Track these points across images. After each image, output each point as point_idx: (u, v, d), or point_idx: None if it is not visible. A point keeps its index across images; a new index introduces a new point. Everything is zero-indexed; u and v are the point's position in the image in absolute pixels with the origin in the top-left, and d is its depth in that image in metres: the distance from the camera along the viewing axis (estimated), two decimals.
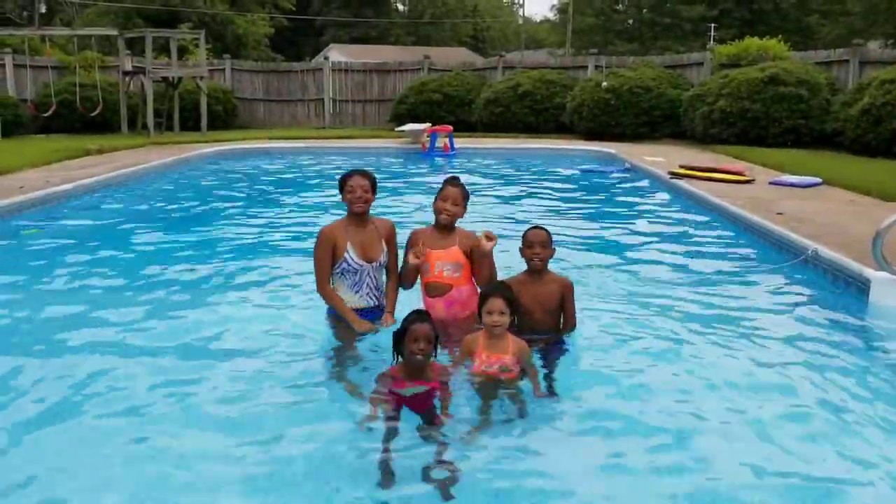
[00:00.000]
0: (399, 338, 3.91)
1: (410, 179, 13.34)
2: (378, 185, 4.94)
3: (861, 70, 17.24)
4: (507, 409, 3.90)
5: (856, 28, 33.61)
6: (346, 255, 4.76)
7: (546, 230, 4.68)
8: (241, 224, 9.32)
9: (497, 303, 4.05)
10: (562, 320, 4.73)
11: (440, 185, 4.83)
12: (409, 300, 4.86)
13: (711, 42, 28.87)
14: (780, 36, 21.24)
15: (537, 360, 4.40)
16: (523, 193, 11.71)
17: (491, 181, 12.92)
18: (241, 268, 6.95)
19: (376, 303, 4.93)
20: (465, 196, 4.81)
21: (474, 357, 4.10)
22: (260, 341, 4.93)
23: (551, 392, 4.14)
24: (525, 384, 4.09)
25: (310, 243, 4.91)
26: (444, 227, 4.79)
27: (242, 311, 5.61)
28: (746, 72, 17.38)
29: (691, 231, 8.90)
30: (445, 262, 4.72)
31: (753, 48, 19.51)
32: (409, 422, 3.74)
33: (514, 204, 10.60)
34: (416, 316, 3.93)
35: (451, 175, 4.96)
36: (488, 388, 4.01)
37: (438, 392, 3.90)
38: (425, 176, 13.69)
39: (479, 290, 4.56)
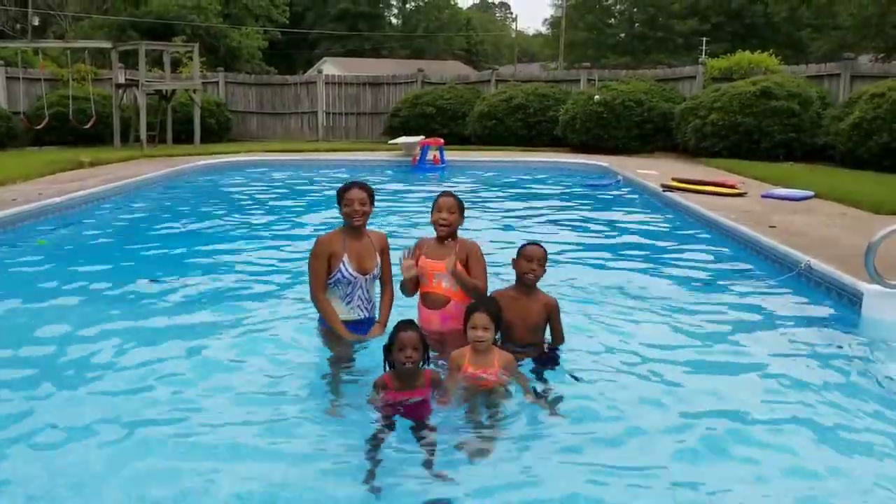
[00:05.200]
0: (387, 349, 3.94)
1: (399, 192, 13.33)
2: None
3: (852, 84, 17.36)
4: (491, 416, 3.90)
5: (847, 42, 33.84)
6: (341, 265, 4.76)
7: (544, 248, 4.69)
8: (233, 235, 9.31)
9: (481, 318, 4.06)
10: (550, 336, 4.72)
11: (430, 199, 4.84)
12: (409, 312, 4.86)
13: (703, 56, 29.07)
14: (771, 50, 21.39)
15: (525, 373, 4.41)
16: (513, 206, 11.72)
17: (481, 194, 12.92)
18: (233, 278, 6.95)
19: (366, 315, 4.92)
20: (460, 205, 4.81)
21: (462, 371, 4.11)
22: (252, 351, 4.93)
23: (552, 409, 4.13)
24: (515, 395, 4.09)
25: (303, 254, 4.90)
26: (444, 239, 4.80)
27: (233, 321, 5.58)
28: (738, 85, 17.47)
29: (683, 244, 8.91)
30: (443, 274, 4.72)
31: (745, 62, 19.64)
32: (404, 428, 3.76)
33: (503, 216, 10.60)
34: (403, 325, 3.96)
35: (443, 190, 4.98)
36: (476, 397, 4.00)
37: (433, 395, 3.93)
38: (415, 188, 13.72)
39: None
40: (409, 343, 3.85)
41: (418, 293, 4.87)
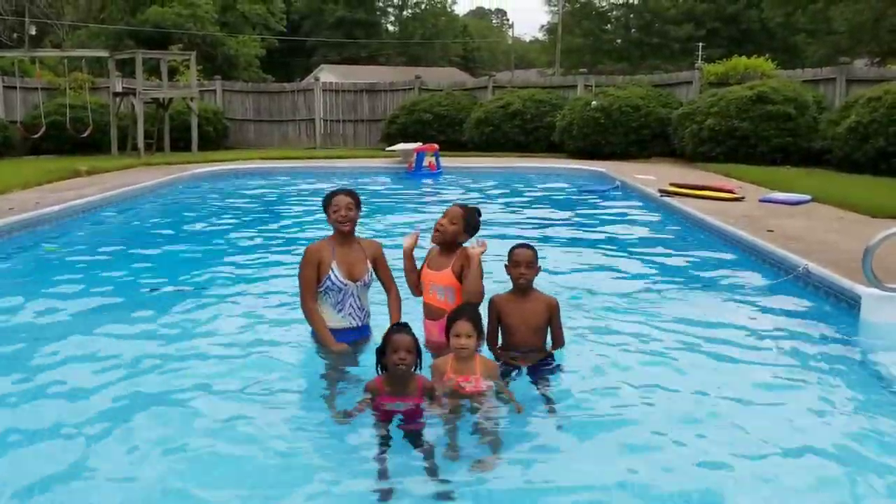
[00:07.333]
0: (381, 352, 3.93)
1: (395, 199, 13.32)
2: (362, 203, 4.97)
3: (848, 88, 17.41)
4: (479, 425, 3.89)
5: (842, 47, 33.89)
6: (330, 273, 4.75)
7: (533, 249, 4.69)
8: (232, 243, 9.32)
9: (463, 326, 4.06)
10: (549, 338, 4.73)
11: (425, 205, 4.86)
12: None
13: (699, 61, 29.10)
14: (767, 55, 21.43)
15: (526, 378, 4.43)
16: (510, 211, 11.73)
17: (477, 199, 12.91)
18: (232, 285, 6.95)
19: (359, 323, 4.92)
20: (465, 216, 4.78)
21: (444, 378, 4.11)
22: (249, 359, 4.93)
23: (549, 405, 4.14)
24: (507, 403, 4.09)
25: (299, 261, 4.91)
26: (444, 248, 4.80)
27: (232, 328, 5.58)
28: (734, 90, 17.51)
29: (681, 248, 8.91)
30: (437, 285, 4.73)
31: (741, 67, 19.69)
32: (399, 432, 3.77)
33: (500, 222, 10.59)
34: (397, 328, 3.96)
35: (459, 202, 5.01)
36: (463, 406, 3.99)
37: (424, 406, 3.91)
38: (410, 194, 13.73)
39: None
40: (403, 345, 3.84)
41: (422, 302, 4.89)
